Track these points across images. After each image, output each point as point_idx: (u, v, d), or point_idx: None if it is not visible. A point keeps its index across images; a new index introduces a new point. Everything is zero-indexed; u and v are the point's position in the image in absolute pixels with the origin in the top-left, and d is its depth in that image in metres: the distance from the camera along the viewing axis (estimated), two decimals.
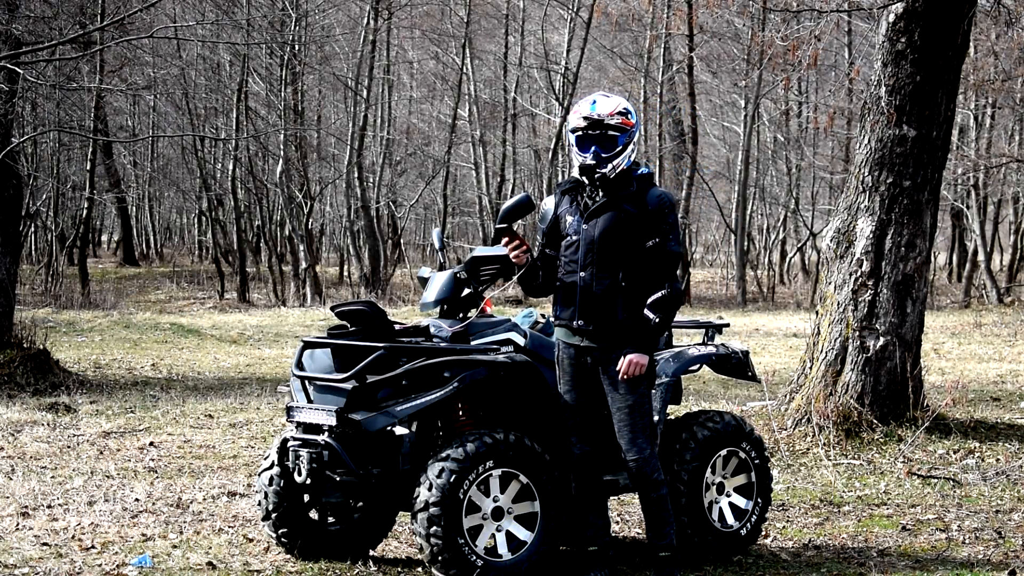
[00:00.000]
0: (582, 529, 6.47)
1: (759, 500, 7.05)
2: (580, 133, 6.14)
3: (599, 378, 6.20)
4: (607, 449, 6.35)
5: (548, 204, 6.34)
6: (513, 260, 6.19)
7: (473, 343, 6.40)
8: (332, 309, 6.65)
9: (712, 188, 37.53)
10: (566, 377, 6.28)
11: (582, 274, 6.14)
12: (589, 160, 6.12)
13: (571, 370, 6.25)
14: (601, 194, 6.14)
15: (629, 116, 6.14)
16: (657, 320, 6.07)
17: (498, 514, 6.16)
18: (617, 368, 6.09)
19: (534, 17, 36.15)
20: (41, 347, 14.12)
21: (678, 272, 6.24)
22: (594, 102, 6.17)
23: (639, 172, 6.21)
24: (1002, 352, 17.81)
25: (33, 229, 36.81)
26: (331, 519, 6.72)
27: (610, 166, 6.11)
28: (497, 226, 6.22)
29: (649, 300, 6.09)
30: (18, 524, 7.37)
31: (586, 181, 6.18)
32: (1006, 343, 19.12)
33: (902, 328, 10.01)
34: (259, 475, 6.66)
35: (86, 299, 27.80)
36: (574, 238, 6.19)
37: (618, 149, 6.11)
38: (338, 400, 6.12)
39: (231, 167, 33.88)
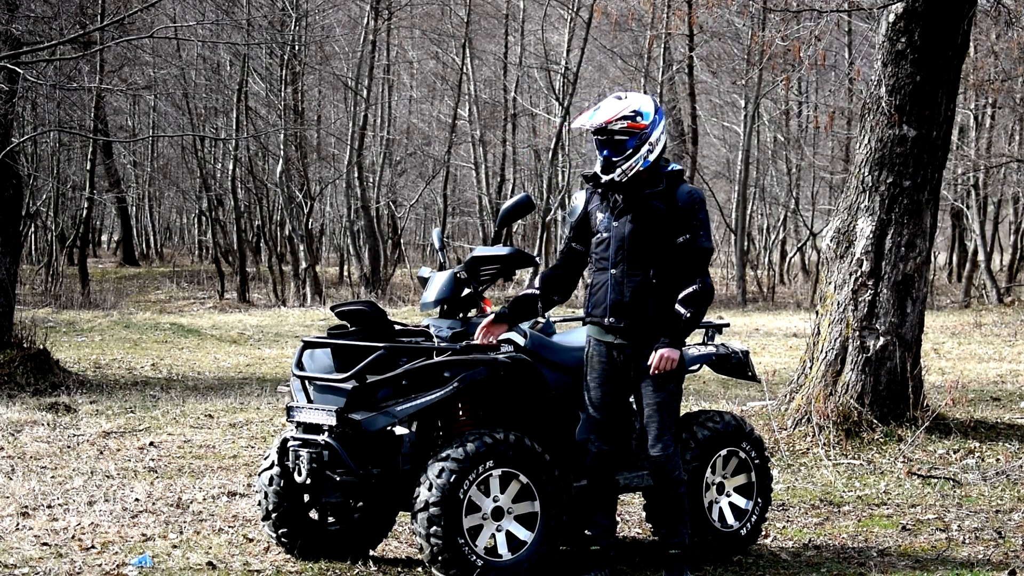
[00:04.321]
0: (587, 528, 6.47)
1: (759, 500, 7.05)
2: (595, 138, 6.19)
3: (627, 376, 6.20)
4: (622, 449, 6.36)
5: (579, 199, 6.33)
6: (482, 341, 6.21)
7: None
8: (332, 309, 6.65)
9: (712, 188, 37.54)
10: (594, 374, 6.26)
11: (613, 272, 6.15)
12: (597, 166, 6.18)
13: (600, 367, 6.24)
14: (631, 192, 6.15)
15: (639, 118, 6.11)
16: (689, 315, 6.08)
17: (498, 514, 6.15)
18: (648, 362, 6.09)
19: (534, 17, 36.15)
20: (41, 347, 14.12)
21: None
22: (597, 109, 6.18)
23: (668, 168, 6.21)
24: (1002, 352, 17.81)
25: (33, 229, 36.80)
26: (331, 519, 6.71)
27: (619, 170, 6.12)
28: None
29: (680, 295, 6.11)
30: (18, 524, 7.37)
31: (602, 180, 6.17)
32: (1006, 343, 19.12)
33: (902, 328, 10.01)
34: (259, 475, 6.65)
35: (86, 299, 27.80)
36: (605, 235, 6.19)
37: (628, 152, 6.11)
38: (338, 400, 6.12)
39: (231, 167, 33.88)
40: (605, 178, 6.16)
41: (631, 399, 6.39)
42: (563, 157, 35.64)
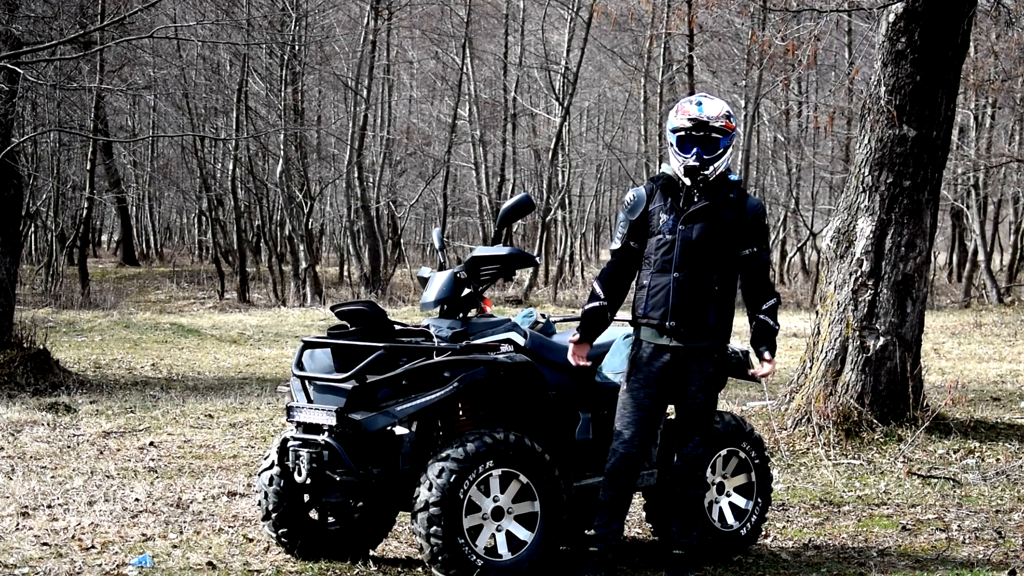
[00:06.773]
0: (588, 528, 6.44)
1: (759, 500, 7.05)
2: (682, 134, 6.12)
3: (675, 380, 6.18)
4: (647, 454, 6.36)
5: (640, 195, 6.24)
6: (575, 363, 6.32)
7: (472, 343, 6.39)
8: (332, 309, 6.64)
9: None
10: (642, 376, 6.20)
11: (676, 275, 6.11)
12: (692, 161, 6.10)
13: (648, 370, 6.19)
14: (702, 197, 6.13)
15: (732, 120, 6.16)
16: (777, 328, 6.25)
17: (498, 514, 6.15)
18: (753, 371, 6.32)
19: (534, 17, 36.17)
20: (41, 347, 14.12)
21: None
22: (700, 104, 6.16)
23: (732, 178, 6.23)
24: (1002, 352, 17.81)
25: (33, 229, 36.81)
26: (331, 519, 6.71)
27: (711, 168, 6.12)
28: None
29: (764, 307, 6.23)
30: (18, 524, 7.37)
31: (688, 182, 6.14)
32: (1006, 343, 19.12)
33: (902, 328, 10.01)
34: (259, 475, 6.65)
35: (86, 299, 27.81)
36: (668, 237, 6.14)
37: (719, 152, 6.12)
38: (338, 400, 6.11)
39: (231, 167, 33.90)
40: (703, 173, 6.11)
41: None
42: (563, 157, 35.64)
